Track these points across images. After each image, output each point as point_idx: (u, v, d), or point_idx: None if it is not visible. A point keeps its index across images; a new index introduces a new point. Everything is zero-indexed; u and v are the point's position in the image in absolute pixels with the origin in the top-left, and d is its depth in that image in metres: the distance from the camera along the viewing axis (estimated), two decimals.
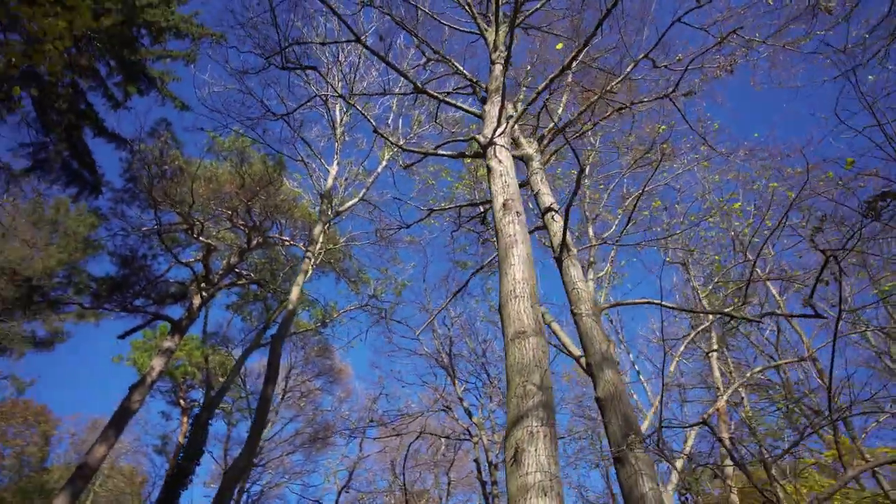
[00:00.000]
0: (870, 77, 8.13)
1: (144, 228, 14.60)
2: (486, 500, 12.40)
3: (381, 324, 15.78)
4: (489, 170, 6.18)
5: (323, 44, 8.97)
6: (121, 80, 14.42)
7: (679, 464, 6.63)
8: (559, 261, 6.32)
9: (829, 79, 7.77)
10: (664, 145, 11.46)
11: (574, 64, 7.69)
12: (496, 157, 6.25)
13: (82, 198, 13.61)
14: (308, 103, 11.54)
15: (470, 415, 13.57)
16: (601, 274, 11.93)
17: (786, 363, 10.41)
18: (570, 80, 10.24)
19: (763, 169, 12.02)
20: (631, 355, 16.02)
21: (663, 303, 5.68)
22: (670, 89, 8.32)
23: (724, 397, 8.88)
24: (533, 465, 3.20)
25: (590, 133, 14.22)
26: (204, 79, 13.43)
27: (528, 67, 11.86)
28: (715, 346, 10.42)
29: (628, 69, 8.45)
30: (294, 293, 11.18)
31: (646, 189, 13.80)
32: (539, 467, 3.18)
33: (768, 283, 12.53)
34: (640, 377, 15.42)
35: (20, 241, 17.28)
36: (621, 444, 4.14)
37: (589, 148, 14.79)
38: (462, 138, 10.69)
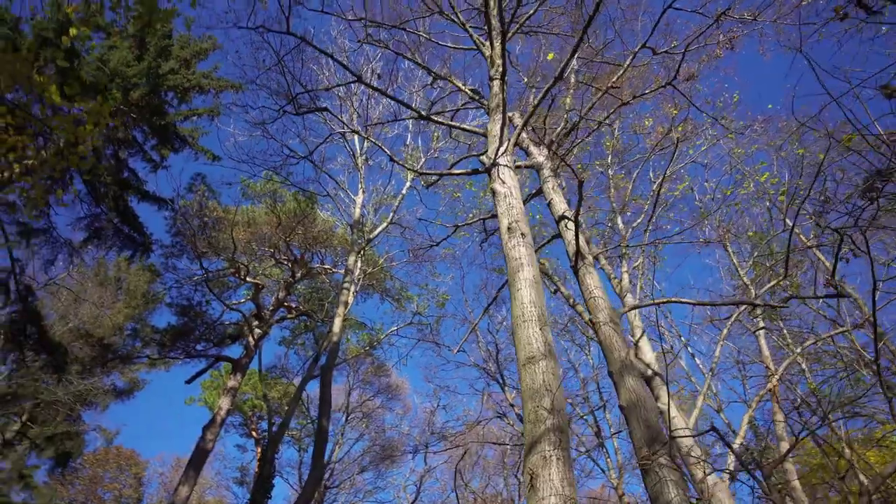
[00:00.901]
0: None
1: (195, 278, 15.50)
2: None
3: (427, 339, 16.13)
4: (493, 192, 6.36)
5: (327, 89, 9.36)
6: (156, 144, 15.43)
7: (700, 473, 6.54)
8: (575, 269, 6.43)
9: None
10: (680, 127, 11.27)
11: (566, 72, 7.74)
12: (499, 178, 6.42)
13: (136, 258, 14.59)
14: (327, 140, 12.00)
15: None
16: (636, 264, 11.82)
17: (836, 333, 9.99)
18: (572, 81, 10.28)
19: (789, 135, 11.62)
20: (682, 338, 15.68)
21: (683, 300, 5.70)
22: (671, 76, 8.26)
23: (776, 378, 8.66)
24: (548, 490, 3.39)
25: (606, 122, 14.13)
26: (229, 130, 14.09)
27: (533, 69, 11.95)
28: (760, 325, 10.13)
29: (627, 62, 8.41)
30: (336, 325, 11.67)
31: (671, 171, 13.62)
32: (553, 491, 3.37)
33: (816, 249, 12.09)
34: (696, 360, 15.10)
35: (90, 304, 18.68)
36: (645, 452, 4.24)
37: (608, 136, 14.68)
38: (476, 153, 10.89)
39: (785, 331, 13.11)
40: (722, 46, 8.47)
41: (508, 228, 5.58)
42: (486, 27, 10.00)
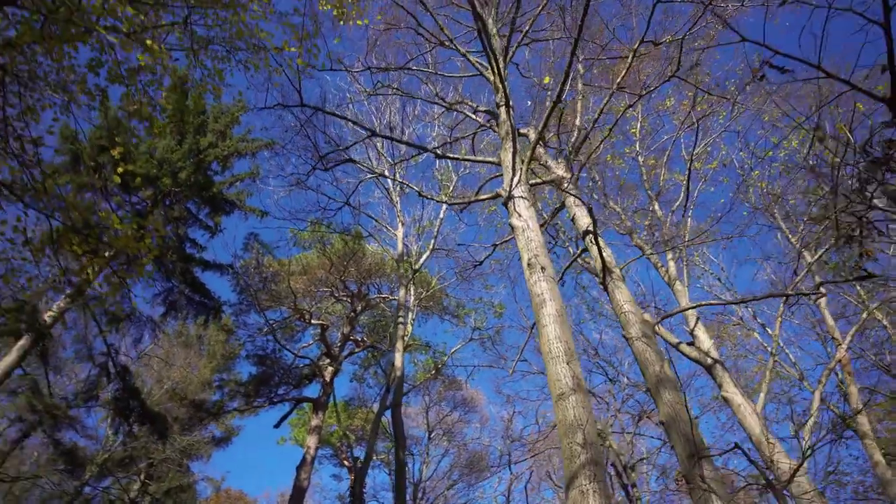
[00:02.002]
0: None
1: (265, 329, 16.56)
2: (630, 502, 12.47)
3: (486, 365, 16.48)
4: (512, 227, 6.63)
5: (346, 148, 9.91)
6: (209, 212, 16.67)
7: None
8: (604, 285, 6.59)
9: None
10: (699, 107, 11.07)
11: (564, 94, 7.90)
12: (516, 211, 6.69)
13: (210, 321, 15.80)
14: (360, 185, 12.63)
15: None
16: (681, 250, 11.66)
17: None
18: (580, 86, 10.36)
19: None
20: (750, 309, 15.17)
21: (712, 301, 5.78)
22: (675, 68, 8.25)
23: (845, 345, 8.34)
24: None
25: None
26: (270, 189, 15.02)
27: (538, 81, 12.06)
28: (822, 291, 9.69)
29: (629, 60, 8.45)
30: (398, 360, 12.23)
31: (702, 145, 13.32)
32: None
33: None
34: (769, 329, 14.58)
35: (178, 367, 20.29)
36: (686, 466, 4.41)
37: (633, 121, 14.53)
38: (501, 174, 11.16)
39: (860, 288, 12.47)
40: (720, 24, 8.36)
41: (528, 264, 5.84)
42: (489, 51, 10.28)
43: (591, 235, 7.34)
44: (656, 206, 12.59)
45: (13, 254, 6.66)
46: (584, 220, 7.73)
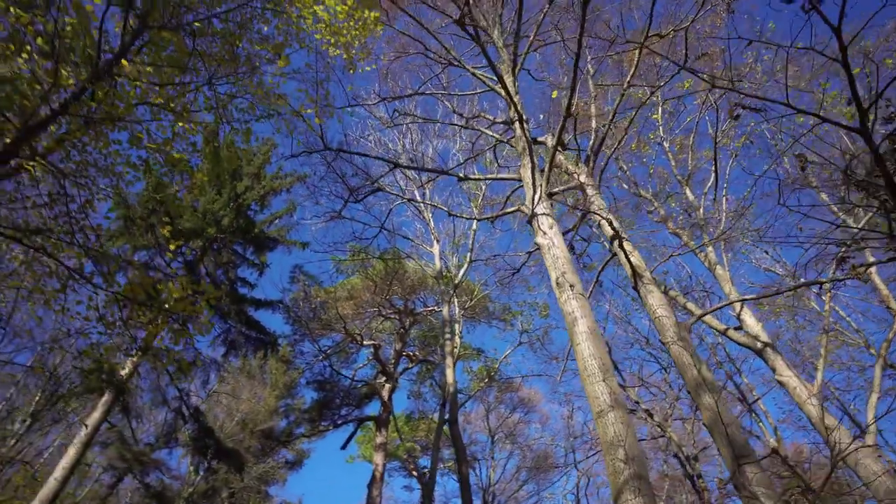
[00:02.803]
0: None
1: (320, 357, 17.25)
2: (698, 494, 12.31)
3: (540, 352, 16.58)
4: (538, 246, 6.83)
5: (372, 182, 10.32)
6: (253, 251, 17.52)
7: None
8: (636, 290, 6.70)
9: None
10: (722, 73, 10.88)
11: (573, 107, 8.02)
12: (540, 229, 6.88)
13: (268, 355, 16.59)
14: (392, 210, 13.05)
15: (650, 415, 13.63)
16: (721, 230, 11.49)
17: None
18: (591, 86, 10.42)
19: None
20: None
21: (746, 297, 5.81)
22: (682, 61, 8.25)
23: None
24: None
25: (644, 92, 13.88)
26: (308, 223, 15.65)
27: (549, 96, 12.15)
28: (870, 259, 9.32)
29: (637, 57, 8.50)
30: (449, 376, 12.55)
31: (726, 123, 13.06)
32: None
33: None
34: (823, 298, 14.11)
35: (246, 400, 21.33)
36: (731, 469, 4.52)
37: (654, 106, 14.37)
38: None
39: None
40: (725, 10, 8.29)
41: (557, 283, 6.03)
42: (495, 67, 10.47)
43: (618, 240, 7.45)
44: (688, 192, 12.45)
45: (89, 328, 7.39)
46: (610, 227, 7.83)
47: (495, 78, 10.74)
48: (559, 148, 9.68)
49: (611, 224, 6.07)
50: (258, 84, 7.69)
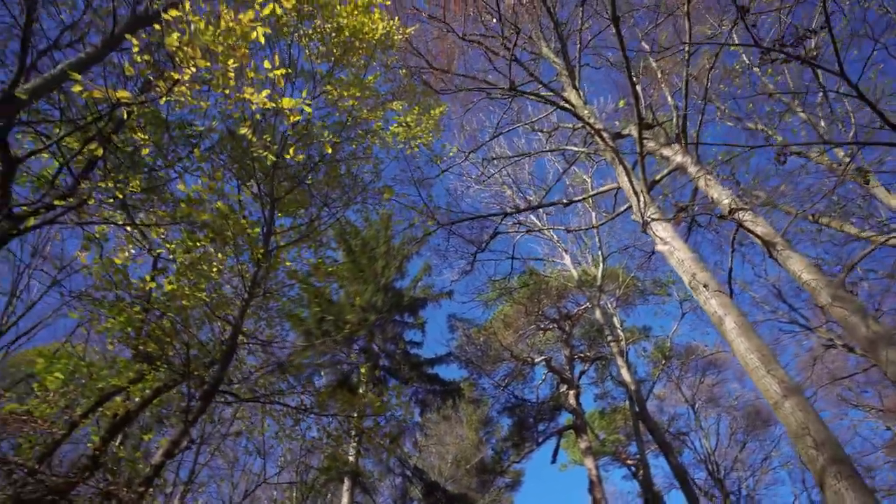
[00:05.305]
0: None
1: (500, 389, 18.37)
2: None
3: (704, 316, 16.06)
4: (660, 253, 7.13)
5: (494, 233, 11.18)
6: (410, 314, 19.32)
7: None
8: (773, 258, 6.69)
9: None
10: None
11: (642, 110, 8.19)
12: (657, 237, 7.17)
13: (456, 400, 18.11)
14: (517, 241, 13.86)
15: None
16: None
17: None
18: (653, 65, 10.37)
19: None
20: None
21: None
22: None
23: None
24: None
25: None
26: (445, 277, 16.99)
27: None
28: None
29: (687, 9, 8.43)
30: (625, 374, 12.80)
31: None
32: None
33: None
34: None
35: (451, 442, 23.18)
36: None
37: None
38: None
39: None
40: None
41: (691, 286, 6.31)
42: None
43: (739, 212, 7.43)
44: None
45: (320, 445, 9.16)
46: (724, 199, 7.78)
47: (562, 99, 11.14)
48: (644, 136, 9.78)
49: (731, 197, 6.17)
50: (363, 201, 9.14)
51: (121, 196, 5.07)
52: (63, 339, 13.58)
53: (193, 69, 3.59)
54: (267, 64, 4.14)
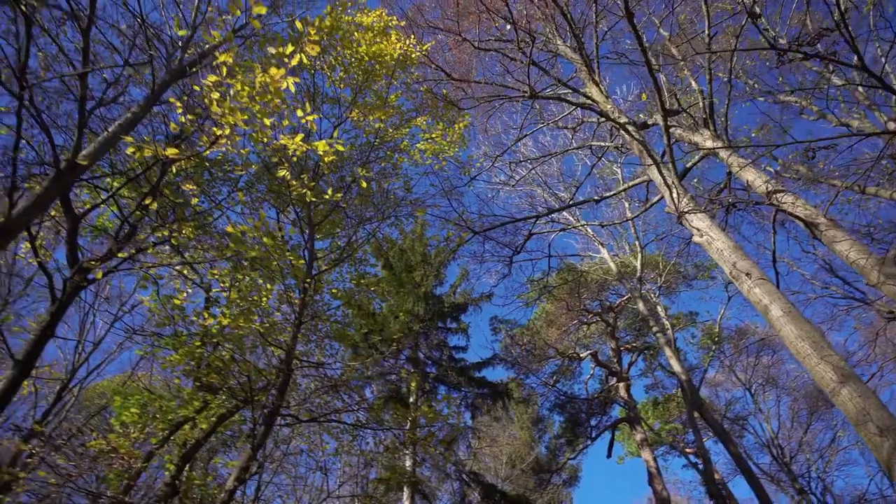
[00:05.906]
0: None
1: (548, 387, 18.35)
2: None
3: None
4: (698, 244, 7.06)
5: (528, 234, 11.24)
6: (452, 319, 19.51)
7: None
8: (818, 239, 6.56)
9: None
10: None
11: (666, 102, 8.13)
12: (693, 228, 7.10)
13: (506, 403, 18.17)
14: (552, 241, 13.88)
15: None
16: None
17: None
18: (674, 52, 10.24)
19: None
20: None
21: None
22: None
23: None
24: None
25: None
26: (483, 281, 17.09)
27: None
28: None
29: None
30: (675, 365, 12.62)
31: None
32: None
33: None
34: None
35: (504, 441, 23.25)
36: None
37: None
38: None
39: None
40: None
41: (732, 276, 6.24)
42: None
43: (777, 195, 7.29)
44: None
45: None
46: (762, 184, 7.65)
47: (583, 96, 11.12)
48: (670, 123, 9.67)
49: (766, 186, 6.08)
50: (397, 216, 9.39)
51: (175, 244, 5.42)
52: (129, 370, 14.39)
53: (233, 124, 3.86)
54: (300, 112, 4.40)
